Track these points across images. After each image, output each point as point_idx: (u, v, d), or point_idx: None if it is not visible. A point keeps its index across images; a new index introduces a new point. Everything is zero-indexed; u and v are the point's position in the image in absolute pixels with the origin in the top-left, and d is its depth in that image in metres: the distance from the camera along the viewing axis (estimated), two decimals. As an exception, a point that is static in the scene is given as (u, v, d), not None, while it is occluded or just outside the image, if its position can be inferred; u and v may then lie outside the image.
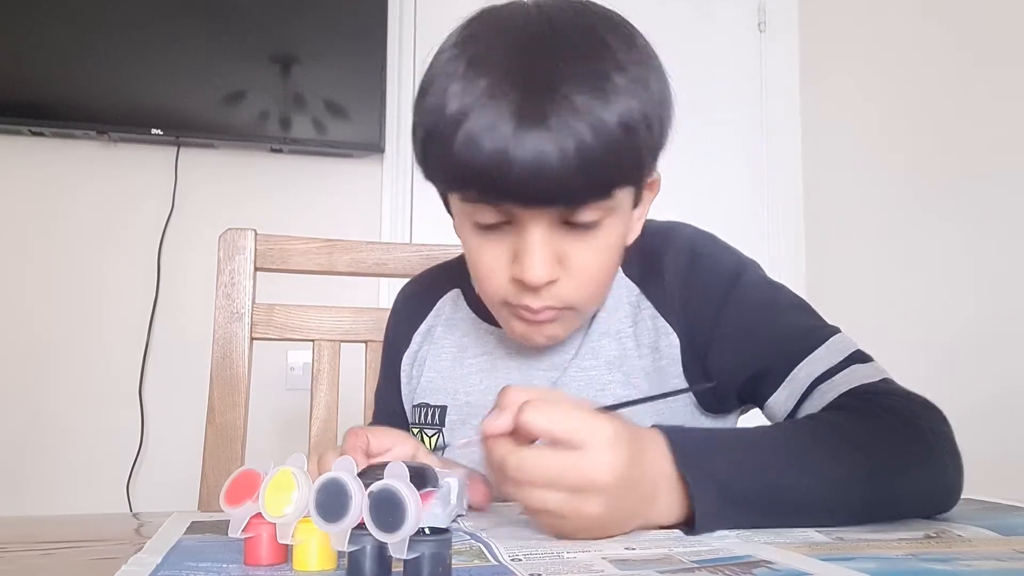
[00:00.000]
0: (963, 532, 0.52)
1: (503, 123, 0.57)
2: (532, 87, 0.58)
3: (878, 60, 2.08)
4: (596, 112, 0.58)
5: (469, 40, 0.63)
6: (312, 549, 0.41)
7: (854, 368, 0.66)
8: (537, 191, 0.59)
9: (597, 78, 0.59)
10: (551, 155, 0.57)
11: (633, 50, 0.62)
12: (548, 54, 0.60)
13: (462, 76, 0.60)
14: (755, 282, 0.74)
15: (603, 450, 0.48)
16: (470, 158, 0.59)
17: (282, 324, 1.00)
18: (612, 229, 0.66)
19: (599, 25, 0.63)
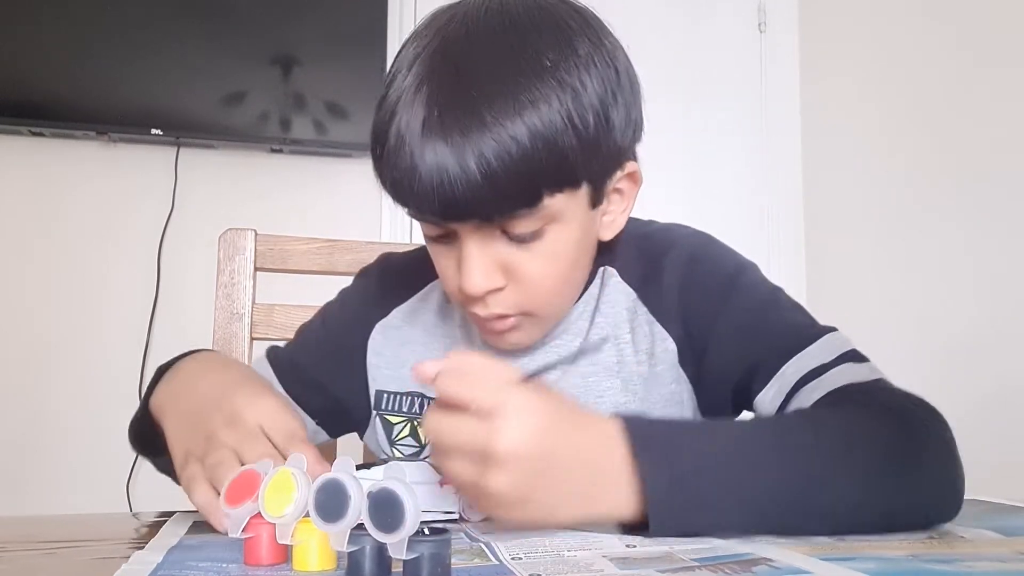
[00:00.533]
0: (965, 533, 0.52)
1: (412, 136, 0.58)
2: (445, 98, 0.57)
3: (878, 60, 2.08)
4: (503, 123, 0.56)
5: (415, 37, 0.64)
6: (312, 549, 0.41)
7: (846, 367, 0.64)
8: (446, 206, 0.58)
9: (510, 86, 0.57)
10: (451, 169, 0.56)
11: (566, 48, 0.60)
12: (467, 59, 0.59)
13: (392, 78, 0.62)
14: (753, 284, 0.73)
15: (507, 419, 0.46)
16: (385, 171, 0.61)
17: (282, 324, 1.00)
18: (560, 235, 0.63)
19: (533, 22, 0.61)
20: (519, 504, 0.48)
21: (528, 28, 0.60)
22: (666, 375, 0.73)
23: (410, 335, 0.80)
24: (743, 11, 2.40)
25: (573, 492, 0.49)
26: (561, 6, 0.63)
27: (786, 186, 2.36)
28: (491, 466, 0.46)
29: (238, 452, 0.53)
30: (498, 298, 0.64)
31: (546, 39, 0.60)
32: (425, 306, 0.81)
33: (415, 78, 0.59)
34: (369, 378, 0.80)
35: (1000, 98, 1.72)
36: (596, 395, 0.72)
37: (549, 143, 0.57)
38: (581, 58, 0.60)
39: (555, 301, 0.69)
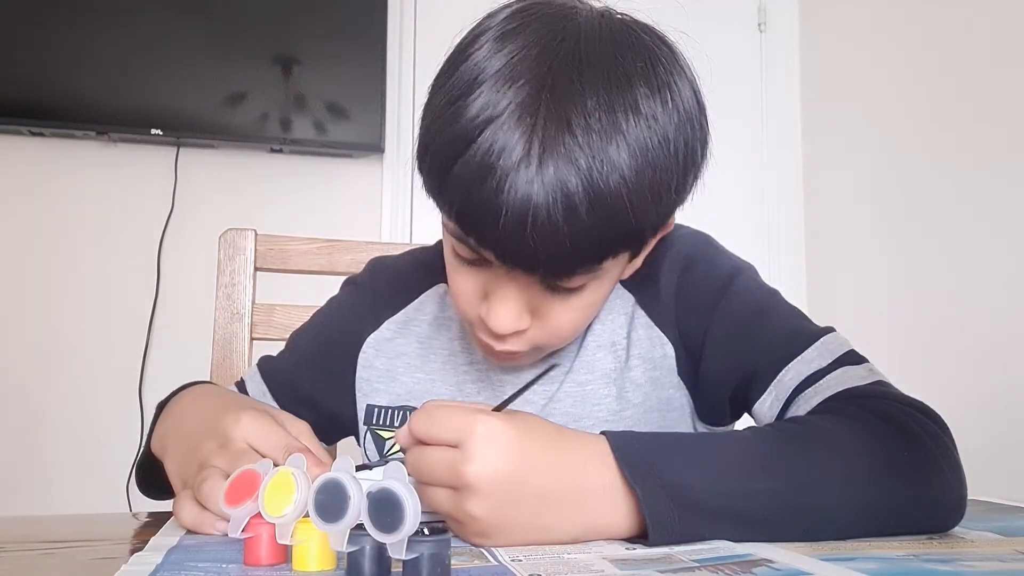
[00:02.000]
0: (965, 533, 0.52)
1: (505, 168, 0.52)
2: (549, 140, 0.52)
3: (878, 60, 2.08)
4: (603, 185, 0.52)
5: (506, 35, 0.56)
6: (312, 549, 0.41)
7: (844, 370, 0.62)
8: (520, 252, 0.55)
9: (614, 146, 0.52)
10: (539, 218, 0.52)
11: (667, 111, 0.56)
12: (576, 102, 0.53)
13: (492, 78, 0.54)
14: (747, 287, 0.71)
15: (476, 445, 0.46)
16: (454, 190, 0.55)
17: (282, 324, 1.00)
18: (597, 289, 0.62)
19: (642, 60, 0.56)
20: (502, 529, 0.47)
21: (639, 72, 0.55)
22: (664, 381, 0.72)
23: (403, 347, 0.78)
24: (743, 11, 2.40)
25: (558, 514, 0.48)
26: (650, 37, 0.60)
27: (786, 186, 2.36)
28: (466, 493, 0.46)
29: (227, 473, 0.52)
30: (519, 337, 0.62)
31: (651, 85, 0.55)
32: (419, 316, 0.79)
33: (516, 102, 0.53)
34: (357, 393, 0.78)
35: (1001, 97, 1.72)
36: (592, 403, 0.71)
37: (636, 206, 0.54)
38: (678, 110, 0.57)
39: (568, 341, 0.68)
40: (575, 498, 0.48)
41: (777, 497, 0.50)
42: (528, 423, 0.50)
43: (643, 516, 0.47)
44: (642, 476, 0.48)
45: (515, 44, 0.55)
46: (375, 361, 0.78)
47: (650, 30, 0.61)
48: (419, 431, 0.49)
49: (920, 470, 0.53)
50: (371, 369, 0.78)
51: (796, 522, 0.50)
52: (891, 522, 0.52)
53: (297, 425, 0.59)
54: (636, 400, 0.71)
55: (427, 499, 0.49)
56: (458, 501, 0.47)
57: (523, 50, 0.55)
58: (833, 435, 0.54)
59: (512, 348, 0.62)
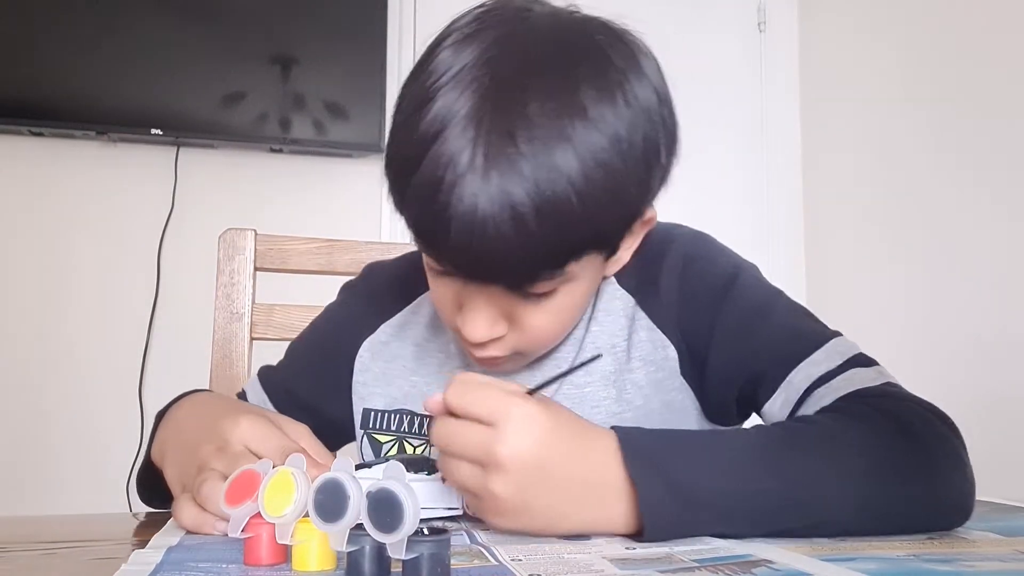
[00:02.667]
0: (965, 533, 0.52)
1: (451, 182, 0.52)
2: (493, 150, 0.52)
3: (878, 60, 2.08)
4: (550, 191, 0.52)
5: (457, 46, 0.56)
6: (311, 549, 0.41)
7: (853, 372, 0.62)
8: (474, 265, 0.56)
9: (559, 152, 0.52)
10: (489, 230, 0.52)
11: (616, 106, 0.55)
12: (517, 114, 0.52)
13: (441, 93, 0.54)
14: (750, 286, 0.71)
15: (510, 427, 0.48)
16: (411, 204, 0.55)
17: (282, 324, 1.00)
18: (571, 292, 0.61)
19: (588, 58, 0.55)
20: (519, 512, 0.48)
21: (584, 74, 0.55)
22: (667, 383, 0.71)
23: (399, 350, 0.78)
24: (743, 11, 2.40)
25: (572, 504, 0.49)
26: (604, 36, 0.58)
27: (786, 186, 2.36)
28: (493, 471, 0.48)
29: (226, 475, 0.53)
30: (497, 343, 0.62)
31: (599, 85, 0.55)
32: (415, 319, 0.79)
33: (461, 115, 0.53)
34: (354, 396, 0.78)
35: (1001, 96, 1.72)
36: (591, 405, 0.71)
37: (588, 210, 0.53)
38: (631, 107, 0.56)
39: (551, 345, 0.68)
40: (585, 491, 0.49)
41: (779, 496, 0.50)
42: (558, 412, 0.51)
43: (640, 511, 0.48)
44: (643, 471, 0.49)
45: (465, 55, 0.55)
46: (371, 365, 0.78)
47: (606, 27, 0.60)
48: (454, 403, 0.50)
49: (923, 470, 0.53)
50: (367, 373, 0.78)
51: (797, 520, 0.50)
52: (893, 521, 0.52)
53: (296, 428, 0.59)
54: (637, 402, 0.71)
55: (451, 471, 0.50)
56: (483, 479, 0.48)
57: (471, 60, 0.54)
58: (837, 434, 0.54)
59: (492, 354, 0.63)
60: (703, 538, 0.49)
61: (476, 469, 0.49)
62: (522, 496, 0.48)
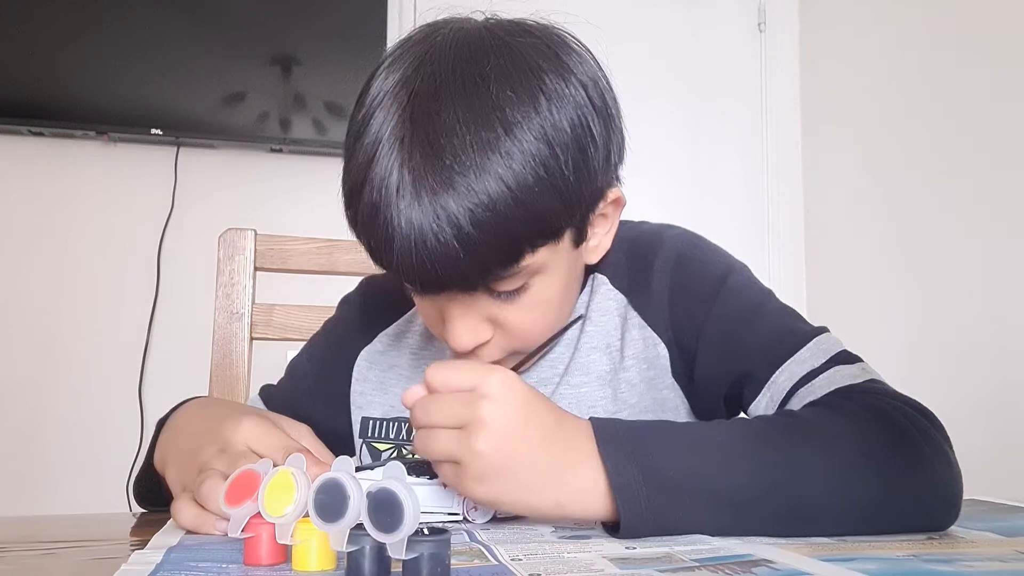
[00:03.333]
0: (965, 533, 0.52)
1: (386, 204, 0.55)
2: (416, 165, 0.54)
3: (878, 59, 2.08)
4: (475, 190, 0.53)
5: (385, 75, 0.60)
6: (312, 549, 0.41)
7: (837, 369, 0.62)
8: (425, 278, 0.57)
9: (479, 150, 0.54)
10: (428, 241, 0.54)
11: (535, 93, 0.56)
12: (436, 122, 0.55)
13: (372, 117, 0.57)
14: (740, 287, 0.71)
15: (493, 389, 0.49)
16: (360, 231, 0.59)
17: (282, 324, 1.00)
18: (545, 284, 0.62)
19: (501, 66, 0.57)
20: (497, 474, 0.49)
21: (496, 76, 0.56)
22: (659, 381, 0.72)
23: (396, 359, 0.79)
24: (743, 11, 2.40)
25: (548, 476, 0.50)
26: (523, 38, 0.60)
27: (786, 186, 2.36)
28: (476, 429, 0.49)
29: (226, 475, 0.53)
30: (486, 349, 0.63)
31: (514, 85, 0.56)
32: (411, 328, 0.80)
33: (385, 137, 0.56)
34: (352, 406, 0.79)
35: (1001, 98, 1.72)
36: (588, 406, 0.71)
37: (525, 204, 0.55)
38: (551, 100, 0.57)
39: (543, 338, 0.69)
40: (558, 467, 0.50)
41: (755, 479, 0.50)
42: (536, 392, 0.52)
43: (614, 496, 0.49)
44: (615, 453, 0.50)
45: (390, 81, 0.58)
46: (369, 374, 0.79)
47: (519, 26, 0.61)
48: (434, 381, 0.51)
49: (908, 465, 0.53)
50: (365, 382, 0.79)
51: (775, 509, 0.50)
52: (877, 516, 0.51)
53: (298, 428, 0.59)
54: (631, 401, 0.72)
55: (431, 442, 0.51)
56: (465, 439, 0.49)
57: (391, 85, 0.58)
58: (819, 425, 0.55)
59: (485, 359, 0.64)
60: (703, 537, 0.49)
61: (455, 433, 0.50)
62: (502, 456, 0.49)
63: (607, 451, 0.50)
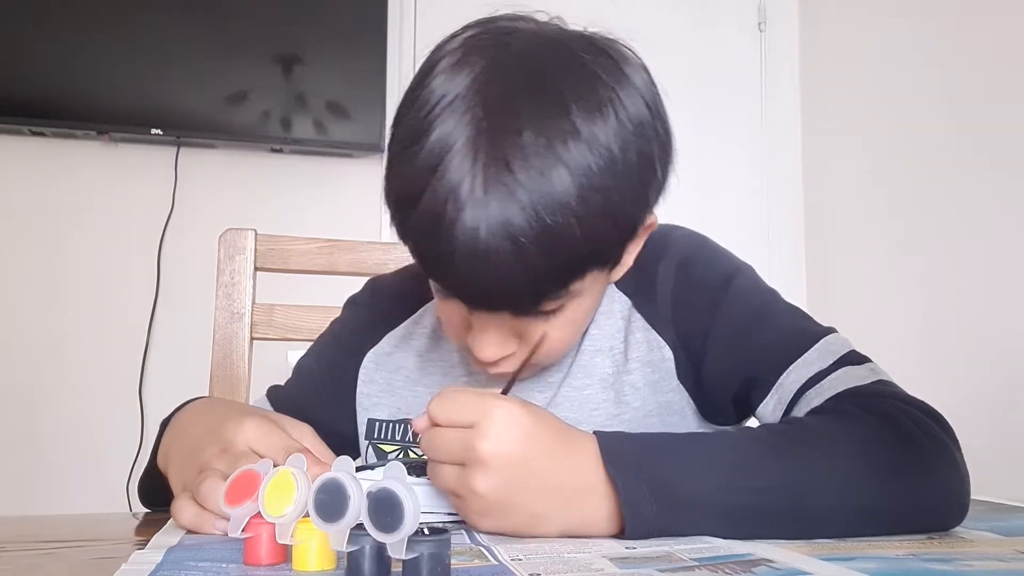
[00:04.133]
0: (965, 533, 0.52)
1: (452, 216, 0.52)
2: (489, 183, 0.52)
3: (878, 59, 2.08)
4: (549, 218, 0.52)
5: (446, 79, 0.56)
6: (312, 549, 0.41)
7: (845, 370, 0.62)
8: (478, 296, 0.57)
9: (553, 178, 0.52)
10: (493, 261, 0.52)
11: (604, 128, 0.54)
12: (508, 143, 0.52)
13: (435, 126, 0.54)
14: (746, 288, 0.71)
15: (491, 425, 0.49)
16: (413, 236, 0.56)
17: (282, 324, 1.00)
18: (579, 306, 0.62)
19: (572, 85, 0.55)
20: (500, 510, 0.49)
21: (574, 99, 0.54)
22: (664, 384, 0.71)
23: (402, 361, 0.79)
24: (743, 11, 2.40)
25: (553, 505, 0.50)
26: (595, 57, 0.58)
27: (786, 186, 2.36)
28: (474, 469, 0.48)
29: (227, 475, 0.53)
30: (509, 360, 0.63)
31: (591, 111, 0.54)
32: (418, 330, 0.80)
33: (456, 149, 0.53)
34: (358, 407, 0.79)
35: (1002, 98, 1.72)
36: (591, 408, 0.71)
37: (589, 232, 0.54)
38: (625, 129, 0.55)
39: (564, 354, 0.69)
40: (565, 494, 0.50)
41: (765, 496, 0.50)
42: (539, 413, 0.51)
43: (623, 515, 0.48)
44: (623, 471, 0.49)
45: (456, 83, 0.55)
46: (375, 376, 0.79)
47: (591, 43, 0.59)
48: (436, 414, 0.51)
49: (915, 469, 0.53)
50: (371, 384, 0.79)
51: (785, 522, 0.50)
52: (885, 522, 0.51)
53: (299, 428, 0.59)
54: (635, 404, 0.71)
55: (436, 476, 0.51)
56: (465, 477, 0.49)
57: (462, 89, 0.55)
58: (825, 435, 0.54)
59: (504, 370, 0.63)
60: (703, 537, 0.49)
61: (458, 470, 0.50)
62: (503, 494, 0.48)
63: (615, 470, 0.49)
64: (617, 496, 0.49)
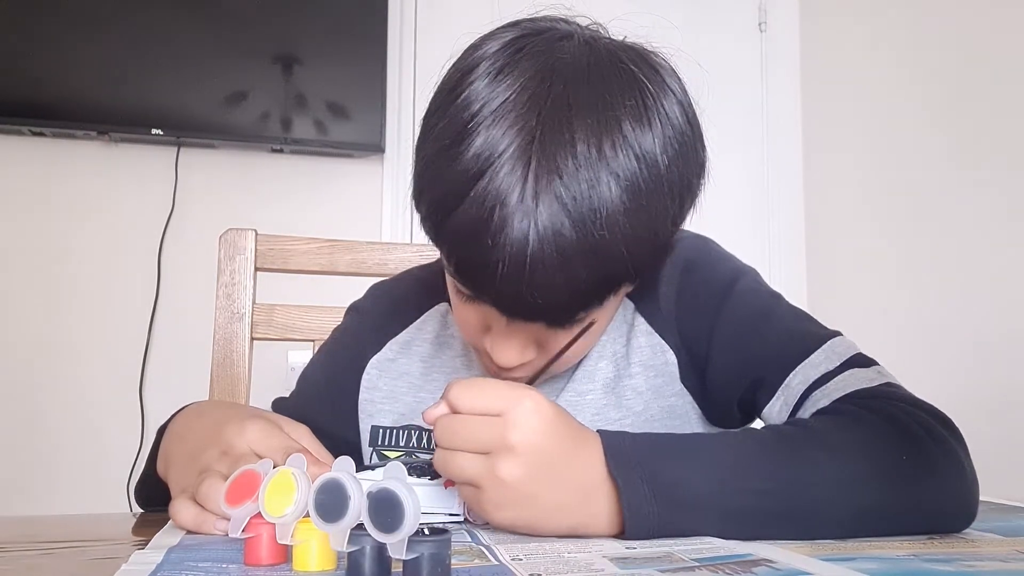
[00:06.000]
0: (966, 533, 0.52)
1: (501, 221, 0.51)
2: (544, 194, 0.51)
3: (878, 59, 2.08)
4: (598, 233, 0.51)
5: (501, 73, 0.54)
6: (312, 549, 0.41)
7: (851, 373, 0.62)
8: (517, 306, 0.56)
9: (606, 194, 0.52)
10: (537, 275, 0.52)
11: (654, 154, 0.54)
12: (565, 152, 0.52)
13: (482, 126, 0.52)
14: (750, 290, 0.71)
15: (520, 414, 0.49)
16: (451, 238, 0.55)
17: (283, 324, 1.00)
18: (599, 318, 0.62)
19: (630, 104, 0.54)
20: (520, 501, 0.49)
21: (629, 117, 0.54)
22: (667, 388, 0.71)
23: (406, 367, 0.78)
24: (743, 11, 2.40)
25: (564, 500, 0.50)
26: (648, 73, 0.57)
27: (786, 186, 2.36)
28: (502, 456, 0.49)
29: (227, 476, 0.52)
30: (525, 368, 0.63)
31: (644, 129, 0.54)
32: (420, 336, 0.79)
33: (508, 154, 0.52)
34: (361, 414, 0.78)
35: (1001, 98, 1.72)
36: (592, 412, 0.71)
37: (631, 251, 0.54)
38: (674, 152, 0.56)
39: (570, 365, 0.69)
40: (576, 490, 0.50)
41: (767, 498, 0.50)
42: (559, 409, 0.52)
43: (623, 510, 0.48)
44: (625, 471, 0.49)
45: (504, 86, 0.54)
46: (378, 382, 0.79)
47: (636, 54, 0.59)
48: (459, 401, 0.51)
49: (920, 472, 0.52)
50: (374, 390, 0.79)
51: (787, 523, 0.50)
52: (888, 524, 0.51)
53: (297, 428, 0.59)
54: (637, 408, 0.71)
55: (452, 464, 0.51)
56: (490, 465, 0.49)
57: (512, 94, 0.53)
58: (829, 436, 0.54)
59: (520, 375, 0.63)
60: (703, 537, 0.49)
61: (480, 458, 0.49)
62: (527, 483, 0.49)
63: (617, 469, 0.49)
64: (619, 496, 0.49)
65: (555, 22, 0.60)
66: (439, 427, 0.51)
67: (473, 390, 0.51)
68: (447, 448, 0.51)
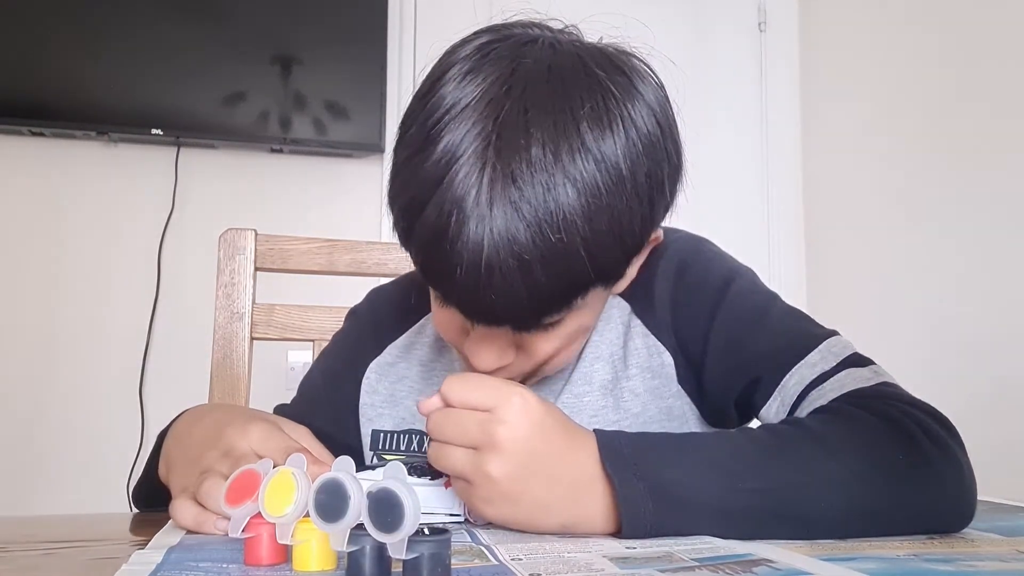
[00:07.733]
0: (966, 533, 0.52)
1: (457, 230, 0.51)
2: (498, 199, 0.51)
3: (878, 60, 2.08)
4: (555, 236, 0.51)
5: (460, 84, 0.54)
6: (312, 549, 0.41)
7: (848, 372, 0.61)
8: (479, 311, 0.56)
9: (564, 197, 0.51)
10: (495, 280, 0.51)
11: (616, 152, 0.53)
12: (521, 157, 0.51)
13: (444, 134, 0.52)
14: (745, 291, 0.70)
15: (508, 411, 0.49)
16: (417, 246, 0.55)
17: (282, 324, 1.00)
18: (578, 320, 0.61)
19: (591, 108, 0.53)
20: (508, 498, 0.49)
21: (588, 121, 0.53)
22: (664, 390, 0.71)
23: (405, 371, 0.78)
24: (743, 11, 2.40)
25: (556, 498, 0.50)
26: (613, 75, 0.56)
27: (786, 186, 2.36)
28: (490, 452, 0.49)
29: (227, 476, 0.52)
30: (505, 371, 0.62)
31: (604, 131, 0.53)
32: (420, 340, 0.79)
33: (464, 160, 0.52)
34: (361, 418, 0.78)
35: (1000, 97, 1.72)
36: (590, 415, 0.71)
37: (595, 253, 0.53)
38: (637, 151, 0.54)
39: (563, 366, 0.68)
40: (568, 488, 0.50)
41: (763, 497, 0.50)
42: (550, 407, 0.52)
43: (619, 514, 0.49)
44: (621, 469, 0.49)
45: (468, 92, 0.54)
46: (378, 386, 0.79)
47: (604, 57, 0.58)
48: (452, 395, 0.51)
49: (916, 472, 0.52)
50: (375, 394, 0.78)
51: (783, 523, 0.50)
52: (885, 524, 0.51)
53: (297, 429, 0.59)
54: (635, 410, 0.71)
55: (444, 458, 0.51)
56: (478, 461, 0.49)
57: (474, 99, 0.53)
58: (826, 435, 0.54)
59: (504, 378, 0.62)
60: (703, 537, 0.49)
61: (470, 453, 0.50)
62: (514, 480, 0.49)
63: (613, 467, 0.49)
64: (614, 494, 0.49)
65: (527, 27, 0.59)
66: (431, 420, 0.52)
67: (465, 385, 0.51)
68: (438, 440, 0.52)
